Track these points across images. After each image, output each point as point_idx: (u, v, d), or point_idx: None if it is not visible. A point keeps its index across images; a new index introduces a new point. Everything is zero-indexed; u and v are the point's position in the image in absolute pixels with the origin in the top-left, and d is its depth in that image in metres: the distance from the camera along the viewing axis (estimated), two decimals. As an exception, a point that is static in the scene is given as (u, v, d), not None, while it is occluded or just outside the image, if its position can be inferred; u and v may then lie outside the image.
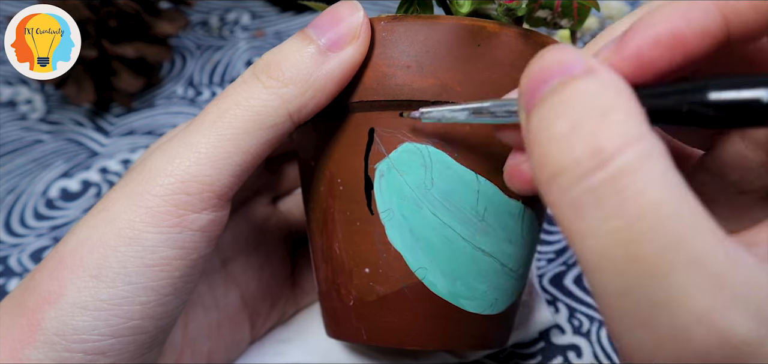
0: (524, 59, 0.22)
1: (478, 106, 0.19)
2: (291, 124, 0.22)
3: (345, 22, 0.22)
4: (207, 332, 0.28)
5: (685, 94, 0.15)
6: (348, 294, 0.24)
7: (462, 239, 0.23)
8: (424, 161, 0.22)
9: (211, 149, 0.21)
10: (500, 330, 0.26)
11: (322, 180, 0.25)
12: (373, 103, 0.22)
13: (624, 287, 0.14)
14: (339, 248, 0.24)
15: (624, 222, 0.13)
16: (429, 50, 0.22)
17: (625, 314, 0.14)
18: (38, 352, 0.20)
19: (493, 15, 0.23)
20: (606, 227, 0.14)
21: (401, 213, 0.23)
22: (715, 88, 0.15)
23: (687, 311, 0.13)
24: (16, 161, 0.42)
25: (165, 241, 0.21)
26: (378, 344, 0.25)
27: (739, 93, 0.14)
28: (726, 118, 0.15)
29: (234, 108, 0.21)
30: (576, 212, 0.14)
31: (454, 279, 0.23)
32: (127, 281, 0.21)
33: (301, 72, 0.22)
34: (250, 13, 0.53)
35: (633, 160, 0.14)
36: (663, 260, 0.13)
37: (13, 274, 0.36)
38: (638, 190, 0.13)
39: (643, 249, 0.13)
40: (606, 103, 0.14)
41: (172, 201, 0.21)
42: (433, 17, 0.22)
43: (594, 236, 0.14)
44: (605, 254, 0.14)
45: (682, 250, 0.13)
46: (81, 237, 0.21)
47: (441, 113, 0.20)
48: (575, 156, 0.14)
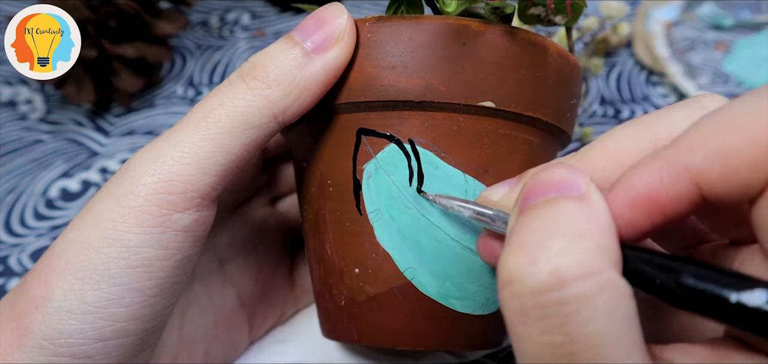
0: (510, 57, 0.22)
1: (481, 210, 0.21)
2: (276, 125, 0.22)
3: (329, 24, 0.22)
4: (203, 333, 0.28)
5: (662, 270, 0.16)
6: (339, 294, 0.25)
7: (451, 239, 0.23)
8: (412, 161, 0.22)
9: (195, 149, 0.21)
10: (494, 330, 0.25)
11: (313, 181, 0.25)
12: (359, 104, 0.23)
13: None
14: (330, 248, 0.24)
15: (561, 340, 0.15)
16: (413, 50, 0.22)
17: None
18: (27, 356, 0.20)
19: (482, 14, 0.23)
20: (545, 339, 0.15)
21: (389, 213, 0.23)
22: (689, 274, 0.15)
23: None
24: (16, 161, 0.42)
25: (148, 241, 0.21)
26: (369, 344, 0.25)
27: (709, 286, 0.15)
28: (692, 304, 0.15)
29: (218, 108, 0.21)
30: (521, 318, 0.15)
31: (443, 279, 0.23)
32: (111, 282, 0.21)
33: (286, 74, 0.22)
34: (250, 13, 0.53)
35: (586, 291, 0.14)
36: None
37: (13, 274, 0.36)
38: (583, 319, 0.14)
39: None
40: (581, 230, 0.15)
41: (155, 200, 0.21)
42: (418, 17, 0.22)
43: (532, 342, 0.15)
44: (537, 358, 0.15)
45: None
46: (68, 239, 0.21)
47: (451, 203, 0.22)
48: (534, 269, 0.15)
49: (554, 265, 0.15)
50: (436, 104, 0.22)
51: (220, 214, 0.29)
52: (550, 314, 0.15)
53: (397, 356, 0.31)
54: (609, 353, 0.15)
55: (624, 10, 0.43)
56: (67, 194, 0.40)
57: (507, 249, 0.16)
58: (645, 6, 0.49)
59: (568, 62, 0.24)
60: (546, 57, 0.23)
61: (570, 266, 0.15)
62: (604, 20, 0.44)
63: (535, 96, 0.23)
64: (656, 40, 0.47)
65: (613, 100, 0.45)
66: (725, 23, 0.48)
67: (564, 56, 0.24)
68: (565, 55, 0.24)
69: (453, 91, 0.22)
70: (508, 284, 0.16)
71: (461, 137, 0.22)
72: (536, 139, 0.24)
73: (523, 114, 0.23)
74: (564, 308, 0.15)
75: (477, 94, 0.22)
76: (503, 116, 0.23)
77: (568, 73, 0.24)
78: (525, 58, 0.22)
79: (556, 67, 0.24)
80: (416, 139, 0.22)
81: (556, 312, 0.15)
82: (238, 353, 0.30)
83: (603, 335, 0.14)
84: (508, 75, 0.22)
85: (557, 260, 0.15)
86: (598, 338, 0.14)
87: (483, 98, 0.22)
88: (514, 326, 0.16)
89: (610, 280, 0.15)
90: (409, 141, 0.22)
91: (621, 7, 0.43)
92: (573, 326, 0.15)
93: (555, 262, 0.15)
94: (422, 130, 0.22)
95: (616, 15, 0.43)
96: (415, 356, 0.31)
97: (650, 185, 0.16)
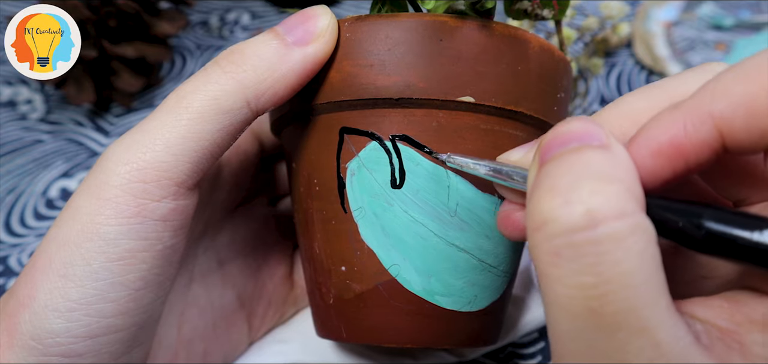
0: (489, 52, 0.22)
1: (497, 167, 0.20)
2: (248, 111, 0.22)
3: (312, 21, 0.22)
4: (202, 333, 0.28)
5: (683, 214, 0.16)
6: (328, 293, 0.25)
7: (434, 235, 0.23)
8: (393, 159, 0.23)
9: (167, 135, 0.21)
10: (485, 327, 0.25)
11: (301, 181, 0.25)
12: (341, 103, 0.23)
13: (576, 331, 0.16)
14: (318, 247, 0.25)
15: (594, 280, 0.15)
16: (391, 48, 0.22)
17: (573, 353, 0.16)
18: (17, 356, 0.20)
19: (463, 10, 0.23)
20: (577, 281, 0.15)
21: (372, 211, 0.23)
22: (709, 217, 0.16)
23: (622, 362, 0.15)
24: (16, 161, 0.42)
25: (126, 232, 0.20)
26: (357, 341, 0.25)
27: (729, 228, 0.16)
28: (714, 247, 0.16)
29: (192, 94, 0.21)
30: (553, 259, 0.15)
31: (428, 276, 0.23)
32: (94, 277, 0.20)
33: (263, 61, 0.22)
34: (250, 13, 0.53)
35: (619, 231, 0.15)
36: (616, 320, 0.15)
37: (13, 274, 0.36)
38: (615, 259, 0.15)
39: (603, 307, 0.15)
40: (610, 174, 0.16)
41: (129, 190, 0.20)
42: (395, 15, 0.22)
43: (564, 284, 0.15)
44: (569, 301, 0.15)
45: (635, 317, 0.15)
46: (50, 237, 0.21)
47: (465, 162, 0.21)
48: (569, 210, 0.15)
49: (588, 205, 0.15)
50: (415, 101, 0.22)
51: (219, 214, 0.29)
52: (583, 253, 0.15)
53: (397, 356, 0.31)
54: (639, 294, 0.15)
55: (624, 10, 0.43)
56: (67, 194, 0.40)
57: (536, 194, 0.16)
58: (645, 6, 0.49)
59: (553, 55, 0.24)
60: (527, 50, 0.23)
61: (603, 207, 0.15)
62: (604, 20, 0.44)
63: (517, 90, 0.23)
64: (656, 40, 0.47)
65: (613, 99, 0.45)
66: (725, 23, 0.48)
67: (548, 49, 0.24)
68: (549, 48, 0.24)
69: (431, 88, 0.22)
70: (541, 226, 0.16)
71: (442, 133, 0.22)
72: (521, 133, 0.24)
73: (505, 108, 0.23)
74: (597, 248, 0.15)
75: (455, 89, 0.22)
76: (484, 111, 0.23)
77: (552, 67, 0.24)
78: (505, 52, 0.22)
79: (539, 60, 0.23)
80: (397, 137, 0.22)
81: (589, 252, 0.15)
82: (238, 353, 0.30)
83: (634, 275, 0.15)
84: (486, 69, 0.22)
85: (590, 200, 0.15)
86: (629, 278, 0.15)
87: (462, 94, 0.22)
88: (546, 268, 0.16)
89: (641, 222, 0.15)
90: (391, 138, 0.23)
91: (621, 7, 0.43)
92: (605, 266, 0.15)
93: (588, 202, 0.15)
94: (402, 127, 0.22)
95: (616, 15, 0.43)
96: (415, 356, 0.31)
97: (674, 133, 0.17)
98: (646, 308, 0.15)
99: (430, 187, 0.23)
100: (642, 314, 0.15)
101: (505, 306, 0.26)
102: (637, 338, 0.15)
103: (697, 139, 0.16)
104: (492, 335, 0.26)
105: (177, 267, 0.23)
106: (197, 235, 0.28)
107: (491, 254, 0.24)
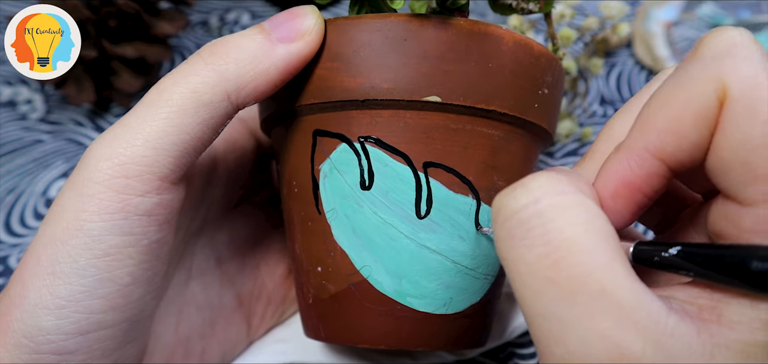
0: (456, 50, 0.22)
1: None
2: (229, 104, 0.22)
3: (299, 19, 0.22)
4: (200, 331, 0.28)
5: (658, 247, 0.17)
6: (308, 293, 0.25)
7: (404, 236, 0.23)
8: (362, 160, 0.23)
9: (147, 129, 0.21)
10: (465, 331, 0.25)
11: (284, 183, 0.25)
12: (313, 105, 0.23)
13: (543, 307, 0.17)
14: (299, 248, 0.25)
15: (545, 249, 0.16)
16: (356, 50, 0.22)
17: (545, 332, 0.17)
18: (10, 354, 0.20)
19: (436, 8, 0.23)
20: (531, 254, 0.17)
21: (344, 212, 0.23)
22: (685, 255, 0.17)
23: (590, 330, 0.16)
24: (16, 161, 0.42)
25: (111, 228, 0.20)
26: (334, 342, 0.25)
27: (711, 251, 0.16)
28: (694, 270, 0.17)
29: (172, 87, 0.21)
30: (510, 242, 0.17)
31: (399, 277, 0.23)
32: (81, 274, 0.20)
33: (246, 54, 0.22)
34: (250, 13, 0.53)
35: (559, 203, 0.17)
36: (574, 285, 0.16)
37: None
38: (559, 226, 0.16)
39: (559, 274, 0.16)
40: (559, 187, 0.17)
41: (112, 186, 0.20)
42: (360, 17, 0.22)
43: (522, 262, 0.17)
44: (531, 279, 0.17)
45: (591, 279, 0.16)
46: (38, 235, 0.21)
47: None
48: (515, 195, 0.17)
49: (531, 189, 0.17)
50: (380, 102, 0.22)
51: (217, 211, 0.29)
52: (531, 226, 0.17)
53: (396, 356, 0.31)
54: (590, 259, 0.16)
55: (624, 10, 0.43)
56: (67, 193, 0.40)
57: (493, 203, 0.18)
58: (645, 6, 0.49)
59: (531, 50, 0.23)
60: (500, 46, 0.22)
61: (544, 187, 0.17)
62: (604, 20, 0.44)
63: (487, 88, 0.22)
64: (656, 40, 0.46)
65: (613, 100, 0.45)
66: (725, 23, 0.48)
67: (524, 45, 0.23)
68: (527, 43, 0.23)
69: (396, 88, 0.22)
70: (496, 217, 0.18)
71: (410, 133, 0.22)
72: (497, 132, 0.23)
73: (475, 107, 0.22)
74: (542, 219, 0.17)
75: (421, 89, 0.22)
76: (452, 110, 0.22)
77: (529, 63, 0.23)
78: (473, 49, 0.22)
79: (514, 56, 0.23)
80: (364, 138, 0.23)
81: (536, 224, 0.17)
82: (237, 352, 0.30)
83: (580, 240, 0.16)
84: (453, 68, 0.22)
85: (533, 185, 0.17)
86: (576, 244, 0.16)
87: (428, 93, 0.22)
88: (507, 253, 0.17)
89: (582, 200, 0.17)
90: (359, 140, 0.23)
91: (621, 7, 0.43)
92: (553, 235, 0.16)
93: (532, 187, 0.17)
94: (370, 128, 0.22)
95: (616, 15, 0.43)
96: (414, 356, 0.31)
97: (622, 175, 0.18)
98: (599, 270, 0.16)
99: (399, 188, 0.22)
100: (597, 276, 0.16)
101: (490, 309, 0.26)
102: (597, 300, 0.16)
103: (644, 173, 0.18)
104: (475, 339, 0.26)
105: (166, 261, 0.23)
106: (194, 232, 0.28)
107: (467, 256, 0.23)
